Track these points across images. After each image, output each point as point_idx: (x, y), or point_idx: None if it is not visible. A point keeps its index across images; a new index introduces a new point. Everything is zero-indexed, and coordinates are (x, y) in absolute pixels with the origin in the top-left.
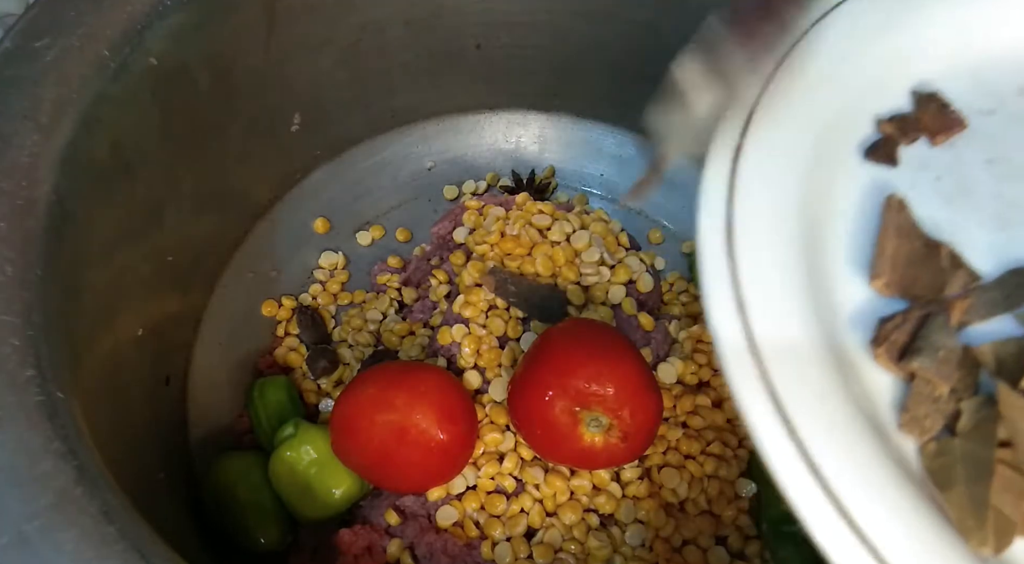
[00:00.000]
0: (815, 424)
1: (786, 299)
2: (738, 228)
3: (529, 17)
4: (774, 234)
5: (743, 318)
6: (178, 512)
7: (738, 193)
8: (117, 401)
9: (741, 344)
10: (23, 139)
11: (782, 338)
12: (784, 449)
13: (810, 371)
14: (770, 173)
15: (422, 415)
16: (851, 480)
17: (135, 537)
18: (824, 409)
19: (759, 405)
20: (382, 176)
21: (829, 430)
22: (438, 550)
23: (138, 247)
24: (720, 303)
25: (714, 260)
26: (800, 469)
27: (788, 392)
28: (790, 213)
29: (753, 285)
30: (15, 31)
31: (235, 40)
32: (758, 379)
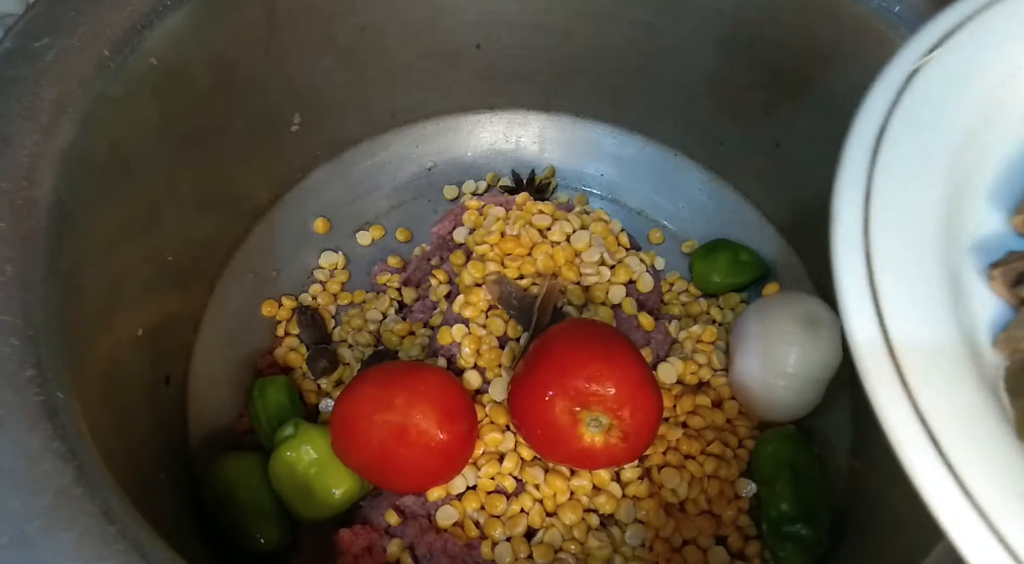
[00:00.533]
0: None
1: (925, 294)
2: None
3: (529, 17)
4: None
5: (879, 316)
6: (178, 512)
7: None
8: (117, 401)
9: (877, 343)
10: (23, 139)
11: (919, 338)
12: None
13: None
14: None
15: (422, 415)
16: (988, 484)
17: (135, 537)
18: (964, 413)
19: (899, 409)
20: (382, 176)
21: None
22: (438, 550)
23: (138, 247)
24: (855, 300)
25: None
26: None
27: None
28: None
29: (890, 278)
30: (15, 31)
31: (235, 40)
32: (895, 378)
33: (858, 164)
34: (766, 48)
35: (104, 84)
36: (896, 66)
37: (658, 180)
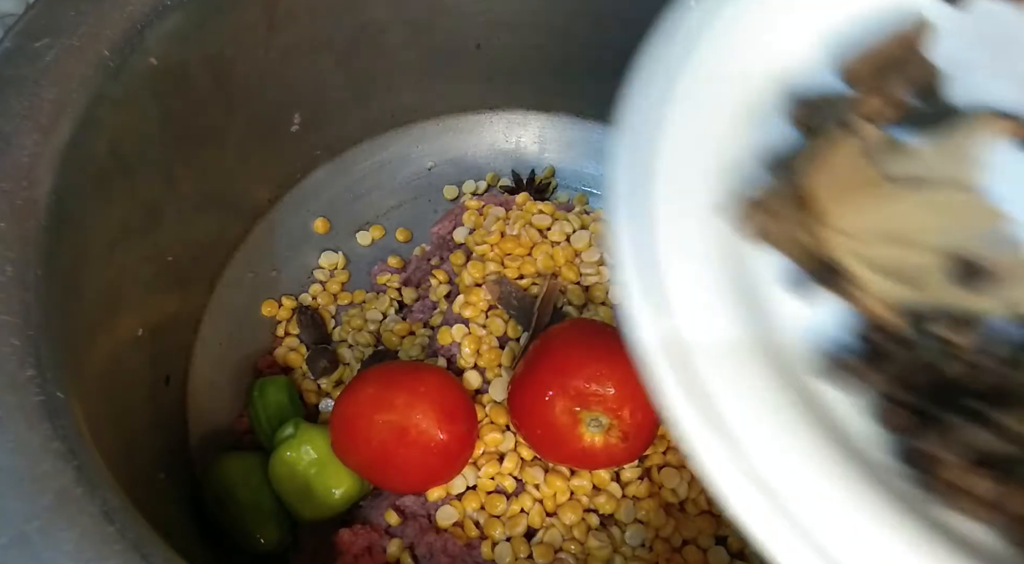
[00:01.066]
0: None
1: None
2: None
3: (529, 17)
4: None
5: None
6: (178, 512)
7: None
8: (117, 401)
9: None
10: (23, 139)
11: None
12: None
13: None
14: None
15: (422, 415)
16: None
17: (135, 537)
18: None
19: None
20: (382, 176)
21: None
22: (438, 550)
23: (138, 247)
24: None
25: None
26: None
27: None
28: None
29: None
30: (15, 31)
31: (235, 40)
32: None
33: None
34: None
35: (104, 84)
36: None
37: None
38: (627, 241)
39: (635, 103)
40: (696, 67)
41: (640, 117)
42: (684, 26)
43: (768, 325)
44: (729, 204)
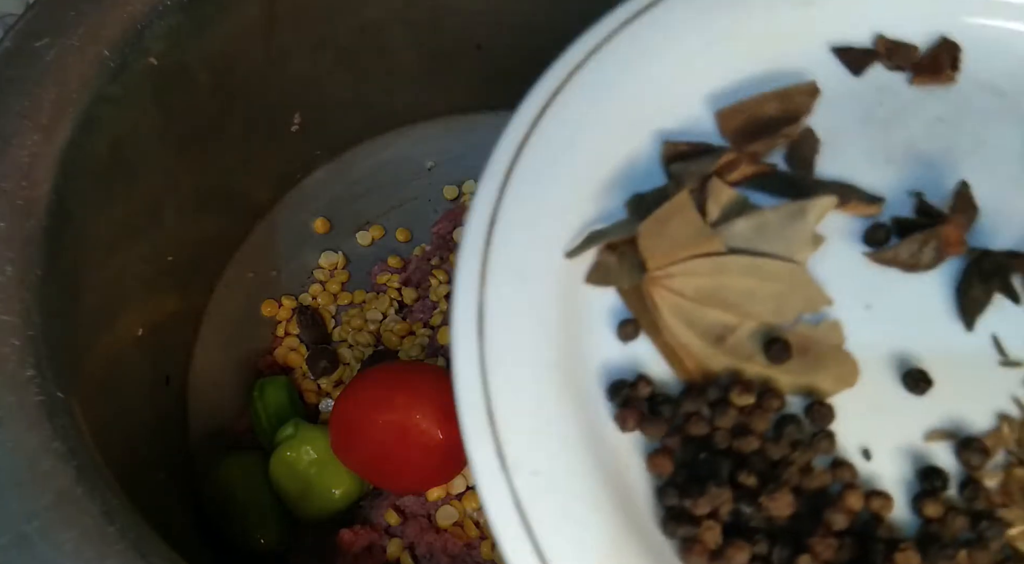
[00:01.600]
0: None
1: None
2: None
3: (529, 17)
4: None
5: (494, 433)
6: (178, 512)
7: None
8: (117, 401)
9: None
10: (23, 139)
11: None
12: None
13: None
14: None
15: (422, 415)
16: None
17: (135, 537)
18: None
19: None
20: (382, 176)
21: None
22: (438, 550)
23: (138, 247)
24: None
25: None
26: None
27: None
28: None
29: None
30: (15, 31)
31: (235, 40)
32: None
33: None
34: None
35: (104, 84)
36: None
37: None
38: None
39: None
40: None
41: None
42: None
43: (578, 358)
44: (578, 240)
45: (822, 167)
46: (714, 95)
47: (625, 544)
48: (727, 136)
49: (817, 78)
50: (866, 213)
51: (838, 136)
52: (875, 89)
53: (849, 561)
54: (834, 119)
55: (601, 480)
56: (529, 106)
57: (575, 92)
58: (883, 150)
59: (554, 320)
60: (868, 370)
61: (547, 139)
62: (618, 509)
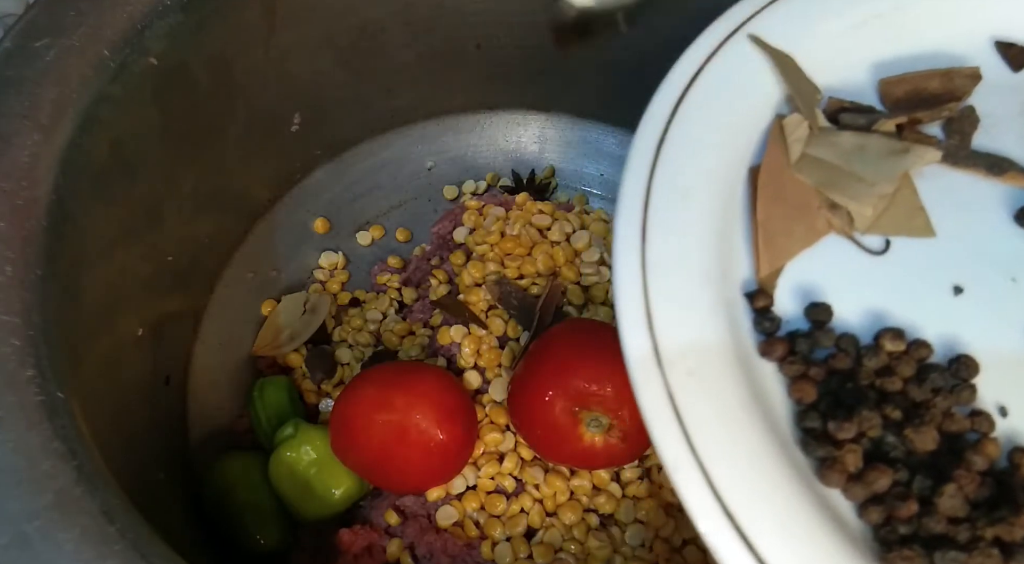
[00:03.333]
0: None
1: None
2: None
3: (529, 17)
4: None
5: (651, 328)
6: (178, 512)
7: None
8: (117, 401)
9: (647, 353)
10: (23, 139)
11: (688, 344)
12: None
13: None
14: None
15: (422, 415)
16: (747, 499)
17: (135, 537)
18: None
19: (663, 417)
20: (382, 176)
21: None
22: (438, 550)
23: (138, 247)
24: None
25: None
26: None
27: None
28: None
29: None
30: (15, 31)
31: (235, 40)
32: (662, 389)
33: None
34: None
35: (104, 84)
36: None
37: None
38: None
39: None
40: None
41: (647, 131)
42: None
43: (738, 326)
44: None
45: (977, 145)
46: (878, 65)
47: (770, 452)
48: (888, 104)
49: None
50: (1023, 184)
51: (995, 122)
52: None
53: (987, 500)
54: (991, 106)
55: (749, 392)
56: (699, 48)
57: (742, 42)
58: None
59: (713, 234)
60: (1010, 339)
61: (716, 74)
62: (764, 419)
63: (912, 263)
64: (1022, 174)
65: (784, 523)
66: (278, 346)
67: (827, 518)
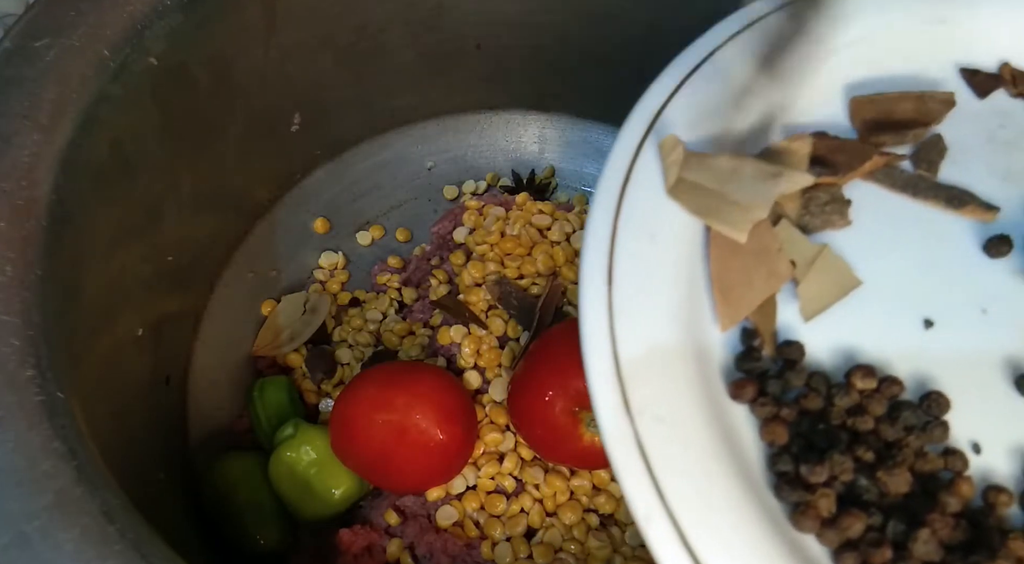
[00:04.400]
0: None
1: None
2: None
3: (529, 17)
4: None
5: (619, 375)
6: (178, 512)
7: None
8: (117, 401)
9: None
10: (23, 139)
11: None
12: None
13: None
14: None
15: (422, 415)
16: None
17: (135, 537)
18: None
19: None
20: (382, 176)
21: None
22: (438, 550)
23: (138, 247)
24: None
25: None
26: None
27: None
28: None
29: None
30: (15, 31)
31: (235, 40)
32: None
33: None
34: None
35: (104, 84)
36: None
37: None
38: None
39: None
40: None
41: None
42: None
43: (708, 368)
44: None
45: (944, 174)
46: (849, 86)
47: (742, 499)
48: (856, 124)
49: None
50: (982, 218)
51: (961, 150)
52: (998, 113)
53: (961, 543)
54: (958, 133)
55: (720, 436)
56: (668, 77)
57: (710, 70)
58: (1003, 169)
59: (681, 280)
60: (982, 372)
61: (682, 105)
62: (735, 465)
63: (882, 296)
64: (982, 208)
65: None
66: (278, 346)
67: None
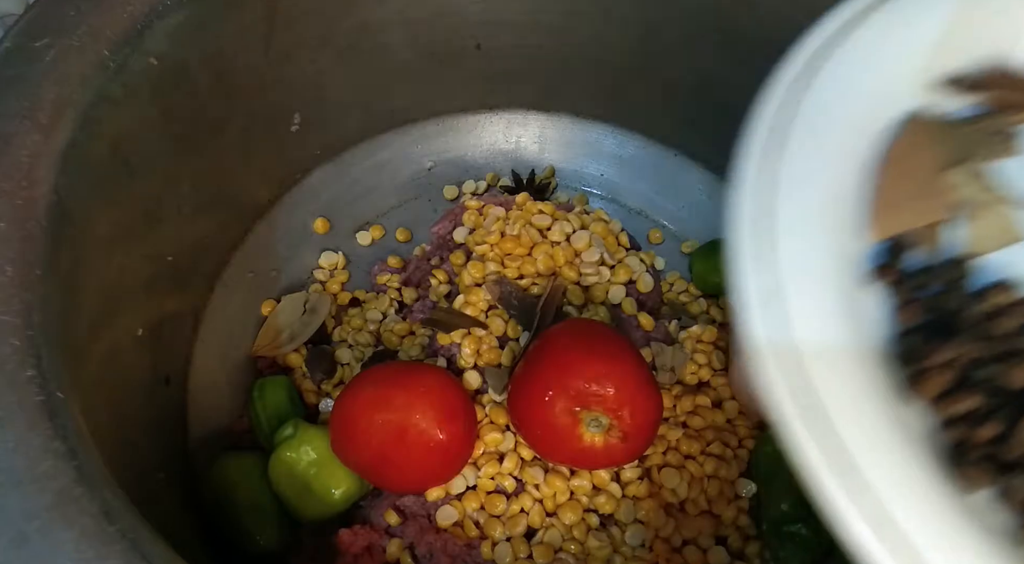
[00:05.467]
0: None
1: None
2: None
3: (529, 17)
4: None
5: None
6: (178, 512)
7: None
8: (117, 401)
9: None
10: (23, 139)
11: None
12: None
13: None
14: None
15: (422, 415)
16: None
17: (135, 537)
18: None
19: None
20: (382, 176)
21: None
22: (438, 550)
23: (138, 247)
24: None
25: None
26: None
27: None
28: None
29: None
30: (15, 31)
31: (235, 40)
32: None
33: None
34: (765, 47)
35: (104, 84)
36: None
37: (658, 180)
38: (747, 249)
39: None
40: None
41: (762, 134)
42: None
43: (867, 328)
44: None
45: None
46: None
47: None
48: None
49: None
50: None
51: None
52: None
53: None
54: None
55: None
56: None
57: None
58: None
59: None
60: None
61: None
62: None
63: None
64: None
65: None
66: (278, 346)
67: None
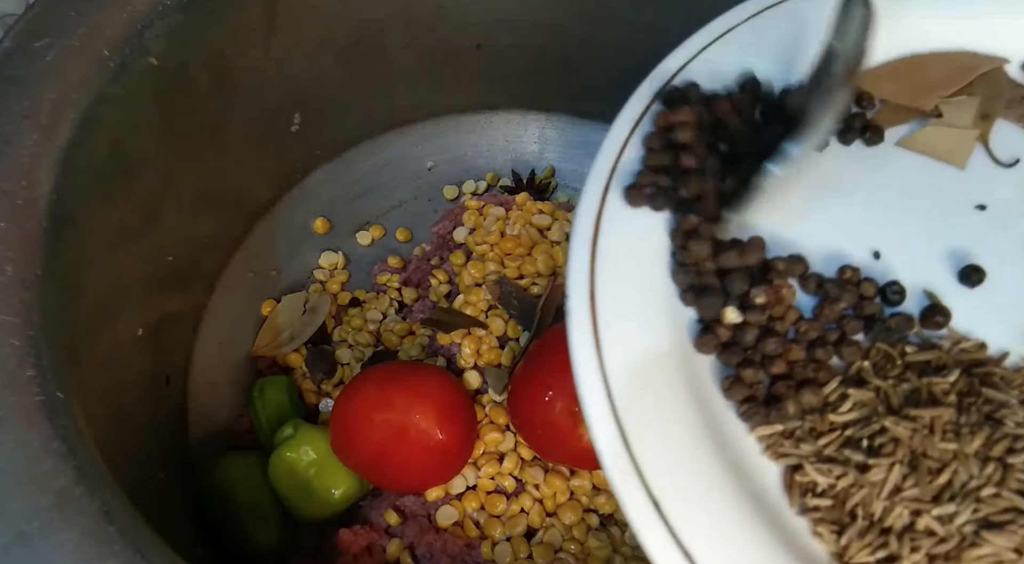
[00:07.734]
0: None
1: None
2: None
3: (529, 17)
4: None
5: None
6: (178, 512)
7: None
8: (117, 401)
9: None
10: (23, 139)
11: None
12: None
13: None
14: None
15: (422, 415)
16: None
17: (135, 537)
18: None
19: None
20: (382, 176)
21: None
22: (438, 550)
23: (138, 247)
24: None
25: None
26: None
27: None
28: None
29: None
30: (15, 31)
31: (235, 40)
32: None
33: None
34: None
35: (104, 84)
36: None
37: None
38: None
39: None
40: None
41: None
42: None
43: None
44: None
45: None
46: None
47: (732, 491)
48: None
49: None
50: None
51: None
52: None
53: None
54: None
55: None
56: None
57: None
58: None
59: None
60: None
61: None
62: (721, 453)
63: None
64: None
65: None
66: (278, 346)
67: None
